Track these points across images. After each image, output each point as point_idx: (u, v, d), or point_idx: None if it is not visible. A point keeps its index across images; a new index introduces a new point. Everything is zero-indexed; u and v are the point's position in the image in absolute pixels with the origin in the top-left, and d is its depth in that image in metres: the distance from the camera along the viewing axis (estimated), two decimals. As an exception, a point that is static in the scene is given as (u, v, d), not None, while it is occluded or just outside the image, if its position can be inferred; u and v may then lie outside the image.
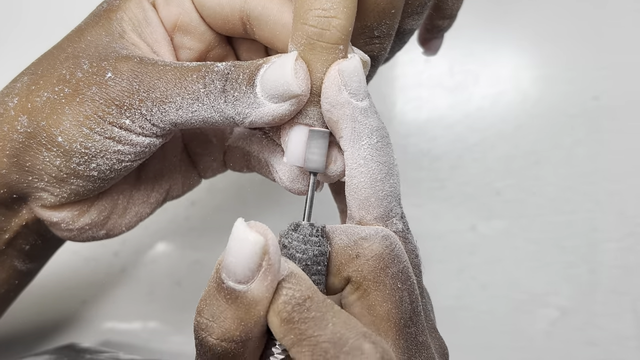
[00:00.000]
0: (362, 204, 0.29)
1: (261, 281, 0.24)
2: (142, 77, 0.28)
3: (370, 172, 0.28)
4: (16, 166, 0.30)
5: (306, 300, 0.24)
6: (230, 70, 0.28)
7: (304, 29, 0.27)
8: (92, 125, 0.29)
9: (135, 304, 0.54)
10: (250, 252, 0.23)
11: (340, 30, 0.27)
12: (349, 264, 0.27)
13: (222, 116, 0.28)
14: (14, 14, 0.60)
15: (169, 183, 0.37)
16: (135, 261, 0.55)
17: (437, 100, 0.58)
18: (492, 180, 0.56)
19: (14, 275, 0.36)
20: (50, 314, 0.53)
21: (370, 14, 0.30)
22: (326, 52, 0.27)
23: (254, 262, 0.23)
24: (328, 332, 0.23)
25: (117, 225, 0.35)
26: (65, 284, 0.54)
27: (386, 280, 0.26)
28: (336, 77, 0.28)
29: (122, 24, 0.31)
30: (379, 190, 0.28)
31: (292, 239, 0.27)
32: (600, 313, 0.53)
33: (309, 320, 0.24)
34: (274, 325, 0.24)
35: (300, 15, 0.27)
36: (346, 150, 0.29)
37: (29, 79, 0.31)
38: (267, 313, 0.24)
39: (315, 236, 0.27)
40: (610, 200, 0.55)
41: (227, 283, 0.24)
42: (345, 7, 0.27)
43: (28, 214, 0.33)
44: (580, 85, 0.57)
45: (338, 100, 0.28)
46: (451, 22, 0.40)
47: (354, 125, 0.28)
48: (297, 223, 0.27)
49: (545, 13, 0.59)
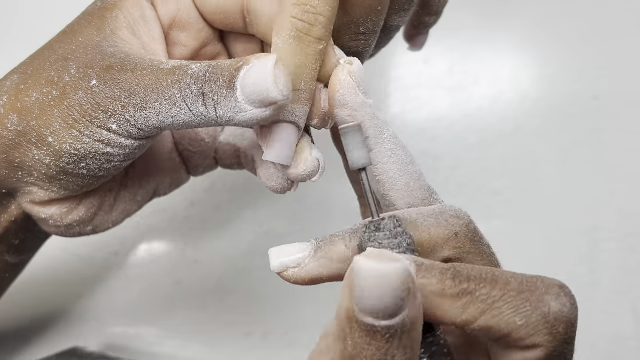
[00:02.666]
0: (405, 192, 0.29)
1: (413, 303, 0.22)
2: (122, 84, 0.28)
3: (400, 160, 0.29)
4: (6, 162, 0.31)
5: (455, 269, 0.24)
6: (208, 72, 0.28)
7: (293, 22, 0.28)
8: (81, 129, 0.29)
9: (135, 304, 0.54)
10: (396, 283, 0.21)
11: (325, 27, 0.28)
12: (447, 244, 0.27)
13: (203, 119, 0.28)
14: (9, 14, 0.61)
15: (157, 181, 0.37)
16: (135, 261, 0.55)
17: (437, 100, 0.58)
18: (492, 180, 0.56)
19: (4, 268, 0.37)
20: (49, 314, 0.53)
21: (357, 10, 0.30)
22: (313, 46, 0.28)
23: (403, 290, 0.21)
24: (513, 281, 0.24)
25: (104, 221, 0.35)
26: (64, 284, 0.54)
27: (484, 249, 0.28)
28: (350, 81, 0.28)
29: (117, 22, 0.31)
30: (413, 172, 0.30)
31: (380, 239, 0.26)
32: (600, 313, 0.53)
33: (480, 280, 0.24)
34: (443, 308, 0.23)
35: (289, 9, 0.28)
36: (373, 149, 0.29)
37: (18, 78, 0.31)
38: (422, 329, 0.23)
39: (399, 227, 0.26)
40: (610, 200, 0.55)
41: (381, 324, 0.21)
42: (329, 6, 0.28)
43: (17, 209, 0.33)
44: (580, 85, 0.57)
45: (357, 103, 0.28)
46: (437, 19, 0.40)
47: (374, 123, 0.29)
48: (375, 222, 0.26)
49: (545, 13, 0.59)
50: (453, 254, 0.27)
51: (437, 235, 0.27)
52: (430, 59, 0.59)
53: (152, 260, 0.55)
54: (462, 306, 0.23)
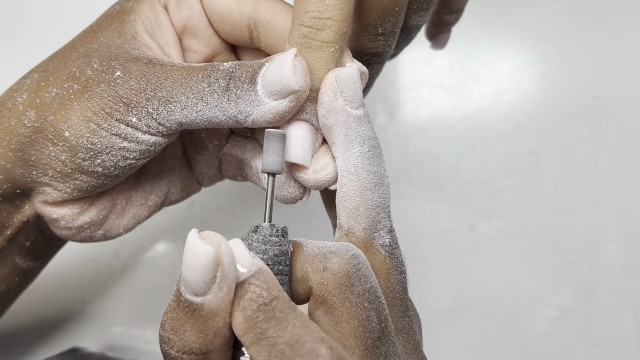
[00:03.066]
0: (351, 213, 0.29)
1: (216, 293, 0.24)
2: (150, 77, 0.29)
3: (360, 180, 0.29)
4: (21, 160, 0.31)
5: (272, 300, 0.24)
6: (235, 69, 0.29)
7: (300, 30, 0.28)
8: (99, 122, 0.29)
9: (135, 304, 0.54)
10: (203, 264, 0.23)
11: (335, 31, 0.28)
12: (315, 275, 0.27)
13: (225, 115, 0.29)
14: (19, 14, 0.60)
15: (168, 186, 0.37)
16: (135, 261, 0.55)
17: (437, 100, 0.58)
18: (492, 180, 0.56)
19: (15, 272, 0.36)
20: (50, 314, 0.53)
21: (374, 11, 0.30)
22: (321, 50, 0.28)
23: (207, 274, 0.23)
24: (287, 334, 0.23)
25: (114, 226, 0.35)
26: (64, 284, 0.54)
27: (352, 298, 0.26)
28: (333, 83, 0.28)
29: (135, 26, 0.32)
30: (368, 199, 0.29)
31: (252, 240, 0.27)
32: (600, 313, 0.53)
33: (271, 320, 0.24)
34: (237, 321, 0.24)
35: (297, 17, 0.28)
36: (338, 157, 0.29)
37: (39, 76, 0.31)
38: (227, 323, 0.24)
39: (276, 236, 0.27)
40: (610, 200, 0.55)
41: (185, 296, 0.24)
42: (340, 10, 0.27)
43: (30, 210, 0.33)
44: (580, 85, 0.57)
45: (333, 106, 0.28)
46: (458, 16, 0.40)
47: (347, 133, 0.28)
48: (258, 225, 0.27)
49: (545, 13, 0.59)
50: (317, 289, 0.27)
51: (309, 263, 0.27)
52: (431, 58, 0.59)
53: (152, 261, 0.55)
54: (245, 328, 0.24)
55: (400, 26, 0.32)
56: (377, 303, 0.27)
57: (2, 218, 0.33)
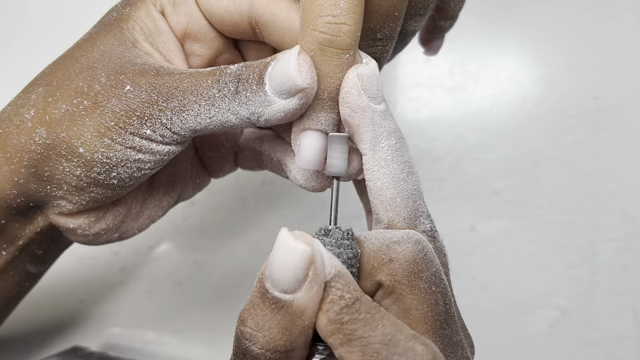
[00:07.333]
0: (389, 205, 0.29)
1: (307, 290, 0.24)
2: (160, 88, 0.29)
3: (392, 172, 0.29)
4: (34, 176, 0.30)
5: (355, 302, 0.24)
6: (242, 71, 0.29)
7: (314, 35, 0.27)
8: (113, 136, 0.29)
9: (135, 304, 0.54)
10: (297, 262, 0.23)
11: (350, 37, 0.27)
12: (382, 268, 0.27)
13: (237, 118, 0.29)
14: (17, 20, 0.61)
15: (181, 187, 0.37)
16: (135, 261, 0.55)
17: (438, 100, 0.58)
18: (492, 181, 0.56)
19: (26, 277, 0.36)
20: (50, 314, 0.53)
21: (374, 16, 0.30)
22: (337, 57, 0.28)
23: (301, 272, 0.23)
24: (379, 333, 0.23)
25: (130, 228, 0.35)
26: (64, 284, 0.54)
27: (420, 284, 0.27)
28: (356, 81, 0.28)
29: (134, 34, 0.32)
30: (403, 189, 0.29)
31: (325, 243, 0.27)
32: (600, 313, 0.53)
33: (359, 321, 0.24)
34: (321, 324, 0.24)
35: (310, 21, 0.28)
36: (367, 154, 0.29)
37: (44, 90, 0.31)
38: (312, 323, 0.24)
39: (347, 239, 0.27)
40: (610, 200, 0.55)
41: (273, 293, 0.24)
42: (354, 14, 0.27)
43: (43, 221, 0.33)
44: (580, 85, 0.57)
45: (358, 105, 0.28)
46: (452, 23, 0.40)
47: (374, 129, 0.29)
48: (327, 228, 0.28)
49: (545, 14, 0.59)
50: (386, 281, 0.27)
51: (373, 258, 0.27)
52: (431, 59, 0.59)
53: (152, 260, 0.55)
54: (332, 330, 0.24)
55: (399, 31, 0.32)
56: (442, 286, 0.27)
57: (15, 229, 0.33)
